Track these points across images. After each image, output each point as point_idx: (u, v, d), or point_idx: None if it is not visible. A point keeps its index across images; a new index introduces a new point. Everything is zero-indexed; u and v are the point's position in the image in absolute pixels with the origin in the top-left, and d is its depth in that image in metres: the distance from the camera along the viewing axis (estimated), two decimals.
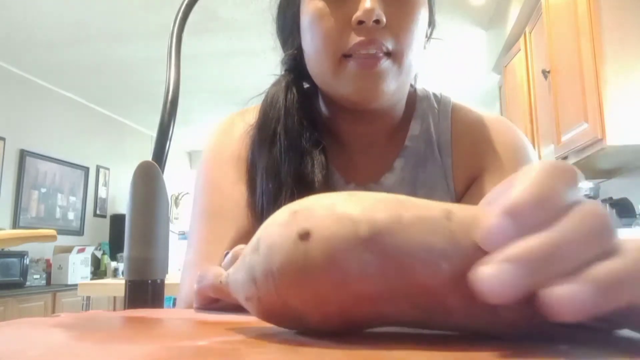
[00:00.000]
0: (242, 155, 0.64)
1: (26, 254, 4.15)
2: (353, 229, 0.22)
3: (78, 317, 0.30)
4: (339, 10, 0.55)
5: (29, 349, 0.21)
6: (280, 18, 0.66)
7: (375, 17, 0.53)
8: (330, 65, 0.56)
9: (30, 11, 3.50)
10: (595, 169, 2.47)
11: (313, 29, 0.57)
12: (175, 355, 0.20)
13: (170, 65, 0.79)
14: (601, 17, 1.94)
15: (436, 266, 0.21)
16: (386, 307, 0.22)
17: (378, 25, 0.54)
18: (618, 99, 1.89)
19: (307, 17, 0.58)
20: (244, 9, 3.33)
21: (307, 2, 0.58)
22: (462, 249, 0.21)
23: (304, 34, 0.60)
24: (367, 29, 0.54)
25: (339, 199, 0.23)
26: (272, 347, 0.21)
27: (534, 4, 2.70)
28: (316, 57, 0.58)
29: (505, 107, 3.37)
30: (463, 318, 0.22)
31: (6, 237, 1.00)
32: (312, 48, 0.58)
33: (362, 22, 0.53)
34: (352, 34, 0.55)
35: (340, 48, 0.55)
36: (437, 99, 0.68)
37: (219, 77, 4.68)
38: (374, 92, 0.56)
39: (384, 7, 0.54)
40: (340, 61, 0.56)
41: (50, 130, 4.89)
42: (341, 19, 0.55)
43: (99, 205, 5.62)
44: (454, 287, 0.21)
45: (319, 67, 0.59)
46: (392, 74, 0.56)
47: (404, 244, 0.21)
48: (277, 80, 0.66)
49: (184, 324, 0.29)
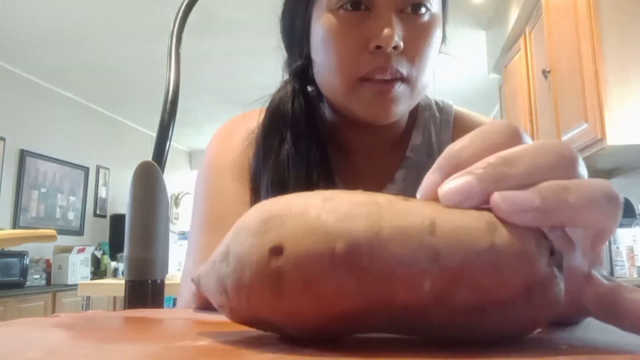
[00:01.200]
0: (245, 163, 0.63)
1: (26, 254, 4.14)
2: (328, 245, 0.20)
3: (78, 317, 0.30)
4: (356, 30, 0.54)
5: (28, 349, 0.21)
6: (286, 23, 0.64)
7: (394, 44, 0.52)
8: (344, 86, 0.56)
9: (30, 11, 3.50)
10: (595, 169, 2.47)
11: (327, 47, 0.56)
12: (175, 355, 0.20)
13: (170, 65, 0.79)
14: (601, 17, 1.94)
15: (418, 284, 0.20)
16: (365, 322, 0.21)
17: (395, 51, 0.53)
18: (618, 99, 1.89)
19: (321, 33, 0.56)
20: (244, 9, 3.33)
21: (321, 16, 0.56)
22: (446, 266, 0.20)
23: (315, 47, 0.58)
24: (385, 55, 0.53)
25: (313, 203, 0.22)
26: (272, 347, 0.21)
27: (534, 4, 2.70)
28: (329, 76, 0.57)
29: (505, 107, 3.37)
30: (445, 331, 0.21)
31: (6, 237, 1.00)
32: (324, 65, 0.57)
33: (379, 47, 0.53)
34: (369, 56, 0.54)
35: (355, 71, 0.54)
36: (439, 108, 0.68)
37: (219, 77, 4.68)
38: (386, 115, 0.56)
39: (402, 30, 0.53)
40: (354, 83, 0.55)
41: (50, 130, 4.89)
42: (358, 39, 0.54)
43: (99, 205, 5.62)
44: (437, 305, 0.20)
45: (330, 85, 0.58)
46: (405, 97, 0.56)
47: (383, 262, 0.20)
48: (283, 86, 0.65)
49: (184, 324, 0.29)
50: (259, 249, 0.21)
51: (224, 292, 0.23)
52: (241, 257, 0.22)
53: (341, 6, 0.55)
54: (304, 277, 0.20)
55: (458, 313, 0.20)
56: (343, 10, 0.55)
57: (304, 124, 0.61)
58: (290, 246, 0.20)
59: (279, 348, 0.21)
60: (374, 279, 0.20)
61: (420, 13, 0.55)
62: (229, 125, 0.68)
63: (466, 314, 0.20)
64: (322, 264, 0.20)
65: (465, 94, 4.66)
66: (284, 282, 0.20)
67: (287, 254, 0.20)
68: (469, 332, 0.21)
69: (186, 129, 5.94)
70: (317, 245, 0.20)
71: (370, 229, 0.20)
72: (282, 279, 0.20)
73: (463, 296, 0.20)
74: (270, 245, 0.21)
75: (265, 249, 0.21)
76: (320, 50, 0.57)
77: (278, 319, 0.22)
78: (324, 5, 0.56)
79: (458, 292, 0.20)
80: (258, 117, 0.64)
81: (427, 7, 0.55)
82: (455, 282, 0.20)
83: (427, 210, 0.21)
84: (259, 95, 0.65)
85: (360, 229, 0.20)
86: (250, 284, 0.21)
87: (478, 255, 0.20)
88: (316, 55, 0.59)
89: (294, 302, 0.21)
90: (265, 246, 0.21)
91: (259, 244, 0.21)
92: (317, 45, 0.58)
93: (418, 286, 0.20)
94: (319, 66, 0.59)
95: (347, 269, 0.20)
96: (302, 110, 0.62)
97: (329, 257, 0.20)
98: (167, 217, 0.67)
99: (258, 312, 0.22)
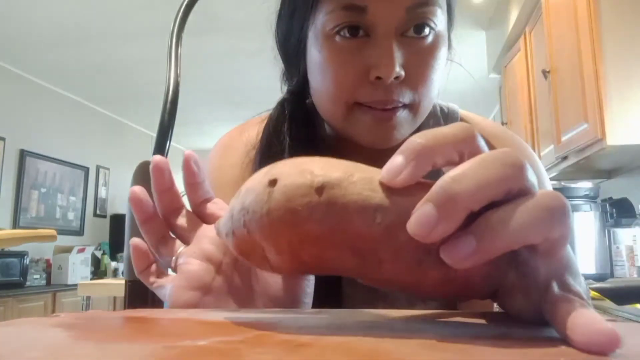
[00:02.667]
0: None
1: (26, 254, 4.15)
2: (310, 179, 0.26)
3: (78, 317, 0.30)
4: (354, 59, 0.50)
5: (28, 349, 0.21)
6: (281, 36, 0.60)
7: (395, 75, 0.49)
8: (341, 112, 0.53)
9: (30, 11, 3.50)
10: (595, 169, 2.47)
11: (324, 74, 0.53)
12: (175, 355, 0.20)
13: (170, 65, 0.79)
14: (601, 17, 1.94)
15: (371, 218, 0.24)
16: (328, 251, 0.26)
17: (397, 81, 0.50)
18: (618, 99, 1.89)
19: (317, 59, 0.53)
20: (244, 9, 3.33)
21: (317, 40, 0.53)
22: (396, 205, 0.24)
23: (311, 71, 0.55)
24: (385, 86, 0.50)
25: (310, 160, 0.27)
26: (272, 347, 0.21)
27: (534, 4, 2.70)
28: (325, 101, 0.55)
29: (505, 107, 3.37)
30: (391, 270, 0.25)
31: (6, 237, 1.00)
32: (321, 91, 0.54)
33: (380, 78, 0.49)
34: (368, 87, 0.50)
35: (354, 98, 0.51)
36: (445, 115, 0.66)
37: (219, 77, 4.68)
38: (387, 141, 0.53)
39: (403, 55, 0.50)
40: (352, 107, 0.52)
41: (50, 130, 4.89)
42: (357, 68, 0.50)
43: (99, 205, 5.62)
44: (386, 239, 0.24)
45: (327, 109, 0.55)
46: (408, 122, 0.53)
47: (347, 196, 0.25)
48: (280, 103, 0.63)
49: (184, 324, 0.29)
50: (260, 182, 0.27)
51: (230, 218, 0.29)
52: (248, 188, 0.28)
53: (338, 32, 0.50)
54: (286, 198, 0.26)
55: (403, 249, 0.24)
56: (340, 37, 0.51)
57: (302, 142, 0.59)
58: (283, 178, 0.26)
59: (278, 348, 0.21)
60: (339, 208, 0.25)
61: (423, 35, 0.51)
62: (226, 141, 0.66)
63: (410, 251, 0.24)
64: (301, 191, 0.25)
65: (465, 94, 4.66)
66: (272, 201, 0.26)
67: (279, 184, 0.26)
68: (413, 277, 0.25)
69: (186, 129, 5.94)
70: (301, 179, 0.26)
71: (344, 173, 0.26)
72: (271, 199, 0.26)
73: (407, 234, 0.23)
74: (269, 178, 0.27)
75: (265, 180, 0.27)
76: (317, 75, 0.54)
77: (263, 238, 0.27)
78: (319, 30, 0.52)
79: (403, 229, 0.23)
80: (257, 128, 0.63)
81: (431, 27, 0.51)
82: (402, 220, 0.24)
83: None
84: (259, 95, 0.65)
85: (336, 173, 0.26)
86: (249, 205, 0.27)
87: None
88: (312, 79, 0.56)
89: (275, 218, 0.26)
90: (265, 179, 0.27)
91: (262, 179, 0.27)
92: (313, 69, 0.55)
93: (370, 218, 0.24)
94: (315, 90, 0.56)
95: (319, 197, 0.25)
96: (299, 130, 0.59)
97: (307, 187, 0.25)
98: None
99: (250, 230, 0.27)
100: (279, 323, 0.28)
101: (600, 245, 2.31)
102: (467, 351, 0.20)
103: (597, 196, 2.43)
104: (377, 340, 0.23)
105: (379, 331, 0.25)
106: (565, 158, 2.30)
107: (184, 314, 0.33)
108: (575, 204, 2.36)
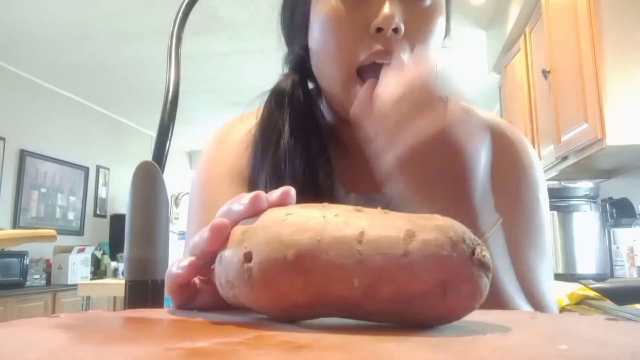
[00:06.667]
0: (243, 164, 0.62)
1: (26, 254, 4.14)
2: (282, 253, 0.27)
3: (78, 317, 0.30)
4: (356, 14, 0.53)
5: (28, 350, 0.21)
6: (286, 13, 0.63)
7: (395, 25, 0.51)
8: (342, 78, 0.54)
9: (30, 11, 3.50)
10: (595, 169, 2.47)
11: (326, 33, 0.55)
12: (175, 356, 0.20)
13: (170, 65, 0.79)
14: (601, 17, 1.94)
15: (349, 282, 0.26)
16: (317, 310, 0.28)
17: (396, 35, 0.52)
18: (618, 99, 1.89)
19: (320, 18, 0.55)
20: (244, 9, 3.32)
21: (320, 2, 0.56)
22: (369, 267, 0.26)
23: (314, 36, 0.57)
24: (385, 39, 0.52)
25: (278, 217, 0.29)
26: (271, 347, 0.21)
27: (534, 4, 2.70)
28: (327, 66, 0.56)
29: (505, 107, 3.37)
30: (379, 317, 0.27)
31: (6, 237, 1.00)
32: (323, 54, 0.56)
33: (380, 30, 0.51)
34: (368, 40, 0.52)
35: (355, 58, 0.53)
36: None
37: (219, 77, 4.68)
38: None
39: (403, 14, 0.52)
40: (352, 76, 0.54)
41: (50, 130, 4.89)
42: (357, 22, 0.53)
43: (99, 205, 5.62)
44: (366, 297, 0.26)
45: (329, 75, 0.57)
46: None
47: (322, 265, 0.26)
48: (282, 80, 0.64)
49: (183, 324, 0.29)
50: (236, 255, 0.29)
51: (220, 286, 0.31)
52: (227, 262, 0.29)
53: None
54: (266, 276, 0.27)
55: (385, 303, 0.26)
56: None
57: (303, 116, 0.60)
58: (257, 253, 0.28)
59: (278, 349, 0.21)
60: (316, 278, 0.26)
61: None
62: (226, 128, 0.67)
63: (392, 304, 0.26)
64: (278, 266, 0.27)
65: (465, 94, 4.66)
66: (253, 279, 0.28)
67: (254, 259, 0.28)
68: (398, 319, 0.27)
69: (186, 129, 5.94)
70: (275, 252, 0.27)
71: (313, 239, 0.27)
72: (251, 277, 0.28)
73: (386, 291, 0.25)
74: (244, 252, 0.28)
75: (241, 254, 0.28)
76: (319, 36, 0.56)
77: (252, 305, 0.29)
78: None
79: (382, 287, 0.25)
80: (256, 116, 0.63)
81: None
82: (378, 280, 0.25)
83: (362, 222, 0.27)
84: (258, 95, 0.65)
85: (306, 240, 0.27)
86: (233, 281, 0.29)
87: (395, 259, 0.25)
88: (315, 44, 0.57)
89: (260, 295, 0.28)
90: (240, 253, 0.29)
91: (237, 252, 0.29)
92: (315, 33, 0.57)
93: (349, 283, 0.26)
94: (318, 54, 0.57)
95: (295, 271, 0.27)
96: (301, 102, 0.61)
97: (282, 262, 0.27)
98: (167, 217, 0.67)
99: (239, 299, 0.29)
100: (279, 324, 0.28)
101: (600, 246, 2.30)
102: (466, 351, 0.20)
103: (597, 196, 2.43)
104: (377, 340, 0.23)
105: (379, 331, 0.25)
106: (565, 158, 2.30)
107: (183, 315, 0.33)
108: (575, 204, 2.36)
